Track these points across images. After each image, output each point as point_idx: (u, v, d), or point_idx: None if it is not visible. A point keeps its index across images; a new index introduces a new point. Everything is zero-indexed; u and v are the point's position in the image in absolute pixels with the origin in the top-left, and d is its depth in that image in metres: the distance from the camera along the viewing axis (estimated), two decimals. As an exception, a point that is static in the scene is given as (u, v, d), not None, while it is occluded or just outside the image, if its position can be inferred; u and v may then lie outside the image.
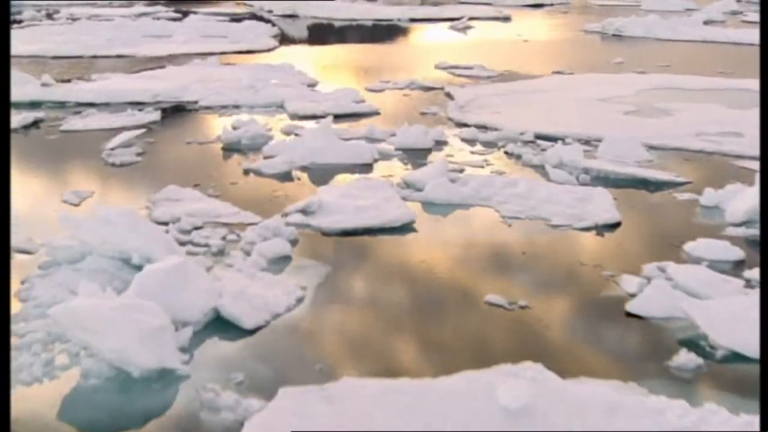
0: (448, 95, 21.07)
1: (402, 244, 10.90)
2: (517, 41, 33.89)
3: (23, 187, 13.04)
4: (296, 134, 16.57)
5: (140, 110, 18.83)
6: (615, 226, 11.46)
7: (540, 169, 14.30)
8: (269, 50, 30.26)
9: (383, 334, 8.45)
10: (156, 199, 12.37)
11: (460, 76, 24.46)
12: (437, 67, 25.90)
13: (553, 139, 16.28)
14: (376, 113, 18.96)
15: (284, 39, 33.96)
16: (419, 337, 8.38)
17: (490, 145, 16.09)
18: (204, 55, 28.30)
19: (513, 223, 11.57)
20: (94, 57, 28.05)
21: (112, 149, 15.46)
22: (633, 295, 9.09)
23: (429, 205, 12.29)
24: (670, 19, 40.15)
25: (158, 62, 26.69)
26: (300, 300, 9.02)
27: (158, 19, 40.87)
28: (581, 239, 11.07)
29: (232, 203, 12.12)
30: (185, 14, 42.74)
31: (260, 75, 23.48)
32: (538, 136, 16.44)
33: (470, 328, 8.54)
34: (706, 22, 41.19)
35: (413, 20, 42.35)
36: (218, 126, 17.36)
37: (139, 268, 8.79)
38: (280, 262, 9.98)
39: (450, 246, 10.82)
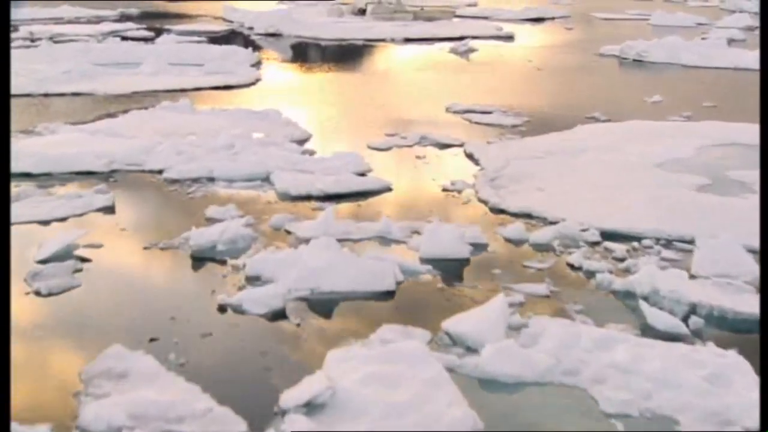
0: (471, 158, 17.18)
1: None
2: (529, 70, 30.08)
3: None
4: (288, 231, 12.62)
5: (89, 187, 14.76)
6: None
7: (627, 299, 10.43)
8: (250, 84, 26.20)
9: None
10: (89, 376, 8.41)
11: (478, 123, 20.59)
12: (448, 110, 22.06)
13: (625, 238, 12.46)
14: (387, 189, 15.01)
15: (267, 67, 29.86)
16: None
17: (544, 249, 12.19)
18: (175, 92, 24.29)
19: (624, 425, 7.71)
20: (46, 95, 23.94)
21: (43, 261, 11.44)
22: None
23: (490, 386, 8.39)
24: (691, 39, 36.46)
25: (120, 104, 22.68)
26: None
27: (127, 39, 36.70)
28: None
29: (203, 386, 8.15)
30: (158, 32, 38.72)
31: (241, 125, 19.54)
32: (606, 234, 12.58)
33: None
34: (729, 42, 37.59)
35: (408, 40, 38.37)
36: (187, 215, 13.37)
37: None
38: None
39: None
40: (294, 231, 12.62)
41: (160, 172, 16.02)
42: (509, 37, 39.83)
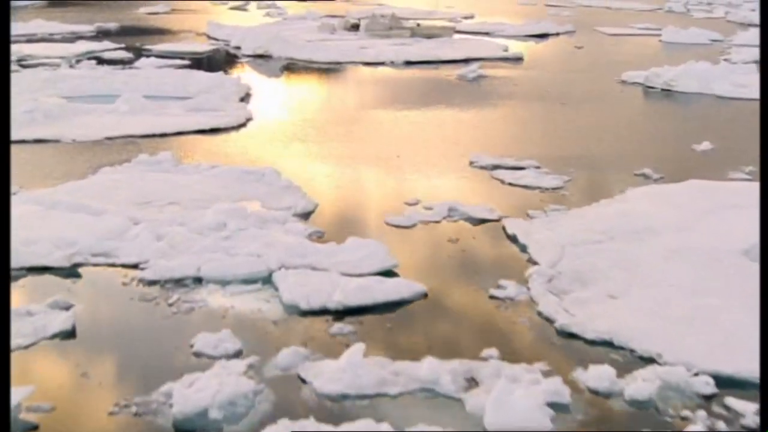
0: (515, 241, 14.07)
1: None
2: (551, 104, 26.94)
3: None
4: (302, 379, 9.48)
5: (43, 296, 11.52)
6: None
7: None
8: (239, 126, 22.98)
9: None
10: None
11: (512, 185, 17.46)
12: (473, 164, 18.90)
13: (743, 386, 9.38)
14: (423, 296, 11.87)
15: (257, 101, 26.63)
16: None
17: (646, 407, 9.08)
18: (154, 137, 21.11)
19: None
20: (5, 144, 20.52)
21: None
22: None
23: None
24: (719, 64, 33.50)
25: (89, 155, 19.50)
26: None
27: (103, 62, 33.42)
28: None
29: None
30: (137, 53, 35.48)
31: (232, 191, 16.36)
32: (722, 381, 9.50)
33: None
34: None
35: (409, 63, 35.17)
36: (169, 350, 10.19)
37: None
38: None
39: None
40: (311, 380, 9.47)
41: (135, 266, 12.78)
42: (518, 59, 36.70)
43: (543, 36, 46.77)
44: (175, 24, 49.59)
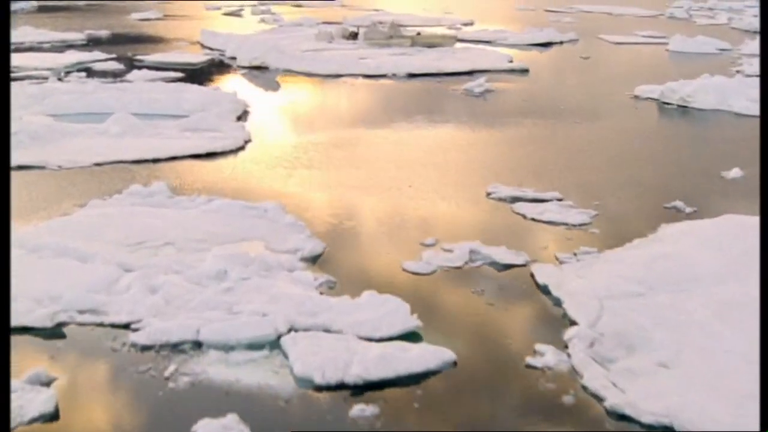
0: (547, 292, 12.75)
1: None
2: (567, 124, 25.61)
3: None
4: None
5: (21, 368, 10.14)
6: None
7: None
8: (238, 150, 21.61)
9: None
10: None
11: (535, 221, 16.13)
12: (491, 196, 17.57)
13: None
14: (452, 365, 10.52)
15: (255, 120, 25.27)
16: None
17: None
18: (147, 163, 19.77)
19: None
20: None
21: None
22: None
23: None
24: (733, 77, 32.28)
25: (77, 184, 18.08)
26: None
27: (93, 74, 32.05)
28: None
29: None
30: (129, 64, 34.07)
31: (233, 229, 15.01)
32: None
33: None
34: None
35: (412, 76, 33.80)
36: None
37: None
38: None
39: None
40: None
41: (126, 326, 11.41)
42: (524, 71, 35.38)
43: (546, 45, 45.45)
44: (168, 31, 48.25)
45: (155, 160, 20.04)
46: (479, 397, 9.93)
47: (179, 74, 32.73)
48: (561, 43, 46.36)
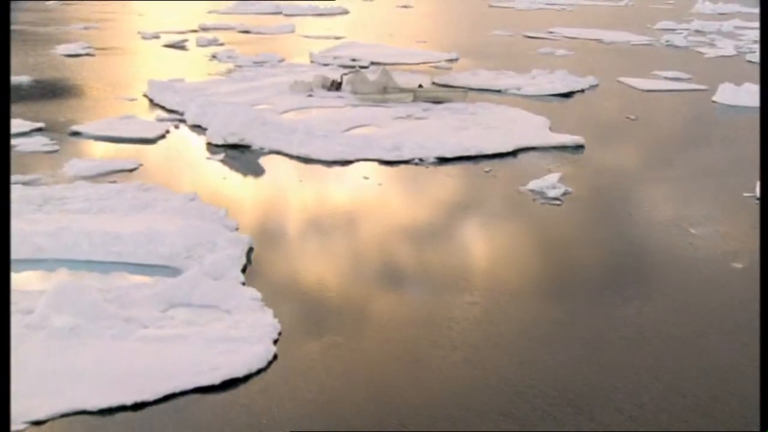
0: None
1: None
2: (725, 278, 17.53)
3: None
4: None
5: None
6: None
7: None
8: (260, 371, 13.02)
9: None
10: None
11: None
12: None
13: None
14: None
15: (269, 273, 16.83)
16: None
17: None
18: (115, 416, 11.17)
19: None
20: None
21: None
22: None
23: None
24: None
25: None
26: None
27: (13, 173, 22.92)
28: None
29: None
30: (63, 143, 25.36)
31: None
32: None
33: None
34: None
35: (444, 161, 25.57)
36: None
37: None
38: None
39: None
40: None
41: None
42: (579, 147, 27.48)
43: (568, 95, 37.67)
44: (103, 76, 39.20)
45: (128, 407, 11.39)
46: None
47: (133, 162, 24.04)
48: (582, 91, 38.68)
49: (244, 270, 16.57)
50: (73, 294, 14.32)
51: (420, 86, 35.58)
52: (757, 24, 71.42)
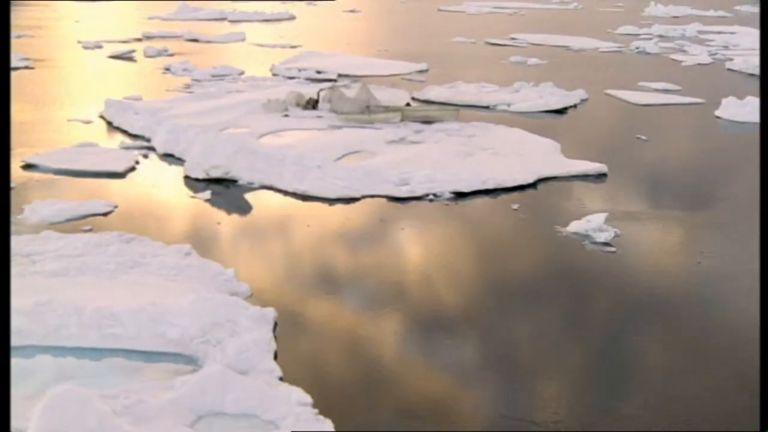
0: None
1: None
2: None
3: None
4: None
5: None
6: None
7: None
8: None
9: None
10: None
11: None
12: None
13: None
14: None
15: (304, 363, 13.56)
16: None
17: None
18: None
19: None
20: None
21: None
22: None
23: None
24: None
25: None
26: None
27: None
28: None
29: None
30: (24, 189, 21.68)
31: None
32: None
33: None
34: None
35: (460, 196, 22.48)
36: None
37: None
38: None
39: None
40: None
41: None
42: (602, 175, 24.64)
43: (561, 112, 34.95)
44: (49, 93, 35.30)
45: None
46: None
47: (106, 204, 20.54)
48: (575, 106, 36.05)
49: (275, 356, 13.17)
50: (73, 410, 10.85)
51: (408, 104, 32.44)
52: (719, 29, 70.11)
